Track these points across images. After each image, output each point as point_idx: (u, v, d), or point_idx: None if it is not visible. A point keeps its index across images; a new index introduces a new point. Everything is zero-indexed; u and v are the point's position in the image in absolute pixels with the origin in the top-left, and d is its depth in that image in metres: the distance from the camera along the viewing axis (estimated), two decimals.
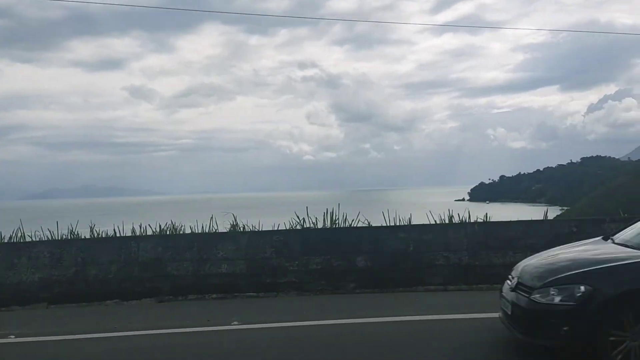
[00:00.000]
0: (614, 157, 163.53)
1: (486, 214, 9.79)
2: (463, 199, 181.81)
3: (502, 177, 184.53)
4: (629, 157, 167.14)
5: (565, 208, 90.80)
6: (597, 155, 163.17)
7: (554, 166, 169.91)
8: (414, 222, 9.64)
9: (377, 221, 9.71)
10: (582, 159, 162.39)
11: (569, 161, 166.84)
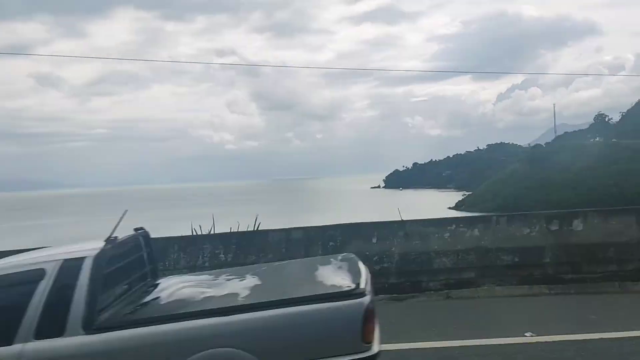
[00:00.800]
0: (517, 144, 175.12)
1: None
2: (379, 186, 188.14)
3: (415, 164, 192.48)
4: (529, 144, 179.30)
5: (468, 193, 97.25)
6: (501, 142, 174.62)
7: (463, 153, 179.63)
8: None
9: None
10: (487, 145, 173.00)
11: (476, 148, 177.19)
